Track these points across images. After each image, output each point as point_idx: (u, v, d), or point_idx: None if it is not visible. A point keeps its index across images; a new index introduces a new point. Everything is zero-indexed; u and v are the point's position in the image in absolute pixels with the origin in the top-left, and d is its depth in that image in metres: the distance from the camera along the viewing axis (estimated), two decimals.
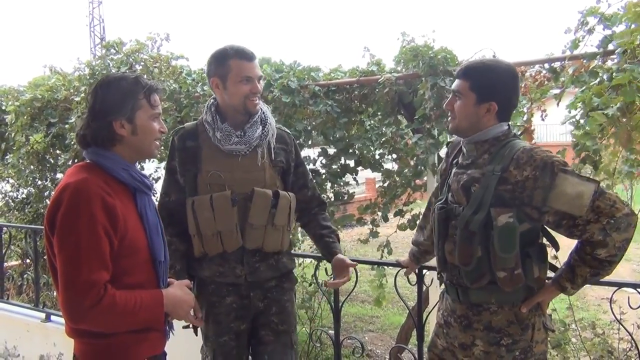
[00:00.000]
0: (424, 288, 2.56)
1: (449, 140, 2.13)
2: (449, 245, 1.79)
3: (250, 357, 2.23)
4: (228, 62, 2.02)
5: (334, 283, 2.15)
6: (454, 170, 1.86)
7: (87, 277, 1.40)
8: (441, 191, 1.94)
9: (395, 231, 4.13)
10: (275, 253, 2.12)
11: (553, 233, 1.78)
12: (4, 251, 4.33)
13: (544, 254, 1.75)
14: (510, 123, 1.80)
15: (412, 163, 3.99)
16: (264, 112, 2.13)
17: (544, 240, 1.83)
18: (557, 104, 3.14)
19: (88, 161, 1.58)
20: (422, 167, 3.76)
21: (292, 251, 2.32)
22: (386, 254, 4.42)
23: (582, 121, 2.77)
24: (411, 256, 2.30)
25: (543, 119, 3.63)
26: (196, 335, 2.20)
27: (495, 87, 1.72)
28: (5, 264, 6.22)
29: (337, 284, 2.14)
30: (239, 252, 2.06)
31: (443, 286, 1.94)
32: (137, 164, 1.71)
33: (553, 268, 1.84)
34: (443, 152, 3.27)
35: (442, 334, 1.91)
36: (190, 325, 2.19)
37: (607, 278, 1.72)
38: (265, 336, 2.14)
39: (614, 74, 2.57)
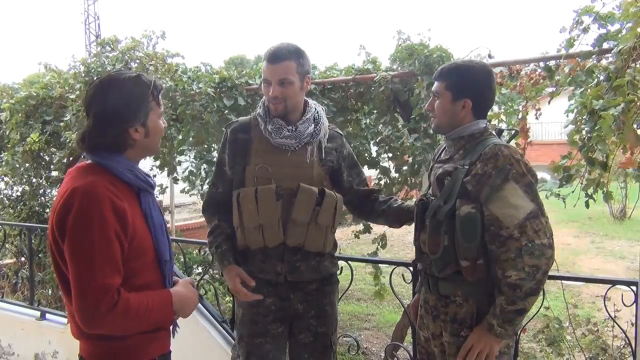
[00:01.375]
0: None
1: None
2: (423, 235, 1.87)
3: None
4: (262, 63, 2.06)
5: None
6: (434, 165, 1.96)
7: (102, 282, 1.37)
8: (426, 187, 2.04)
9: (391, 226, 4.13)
10: (317, 254, 2.10)
11: None
12: None
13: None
14: (487, 121, 1.88)
15: (410, 161, 4.00)
16: (317, 112, 2.14)
17: None
18: (549, 102, 3.16)
19: (89, 162, 1.54)
20: (419, 166, 3.76)
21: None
22: (380, 247, 4.43)
23: (579, 121, 2.78)
24: None
25: (537, 118, 3.65)
26: (232, 331, 2.17)
27: (468, 85, 1.83)
28: (0, 262, 6.22)
29: None
30: (280, 248, 2.05)
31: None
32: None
33: None
34: None
35: (422, 324, 1.98)
36: (227, 321, 2.15)
37: (601, 275, 1.74)
38: (305, 338, 2.13)
39: (610, 74, 2.58)
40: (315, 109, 2.14)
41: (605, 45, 2.81)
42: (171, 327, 1.68)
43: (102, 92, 1.52)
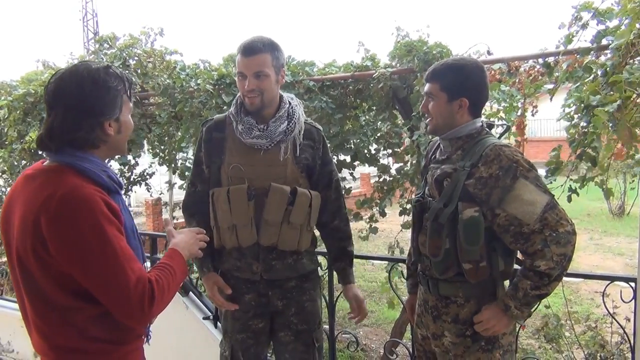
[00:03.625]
0: None
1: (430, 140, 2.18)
2: (422, 237, 1.86)
3: (269, 357, 2.22)
4: (237, 56, 2.02)
5: (356, 320, 2.27)
6: (430, 165, 1.93)
7: (135, 278, 1.34)
8: (422, 187, 2.01)
9: (401, 230, 4.13)
10: (293, 252, 2.08)
11: None
12: None
13: (511, 248, 1.79)
14: (483, 119, 1.86)
15: (407, 158, 3.99)
16: (292, 107, 2.07)
17: None
18: (551, 99, 3.15)
19: (54, 163, 1.42)
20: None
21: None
22: (398, 253, 4.39)
23: (576, 117, 2.77)
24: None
25: (533, 115, 3.65)
26: (215, 327, 2.19)
27: (463, 83, 1.80)
28: None
29: (358, 320, 2.27)
30: (255, 248, 2.04)
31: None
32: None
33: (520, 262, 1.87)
34: None
35: (420, 323, 1.98)
36: (211, 317, 2.16)
37: (599, 272, 1.75)
38: (285, 337, 2.13)
39: (608, 69, 2.58)
40: (290, 103, 2.08)
41: (604, 42, 2.79)
42: (144, 337, 1.61)
43: (74, 82, 1.41)
